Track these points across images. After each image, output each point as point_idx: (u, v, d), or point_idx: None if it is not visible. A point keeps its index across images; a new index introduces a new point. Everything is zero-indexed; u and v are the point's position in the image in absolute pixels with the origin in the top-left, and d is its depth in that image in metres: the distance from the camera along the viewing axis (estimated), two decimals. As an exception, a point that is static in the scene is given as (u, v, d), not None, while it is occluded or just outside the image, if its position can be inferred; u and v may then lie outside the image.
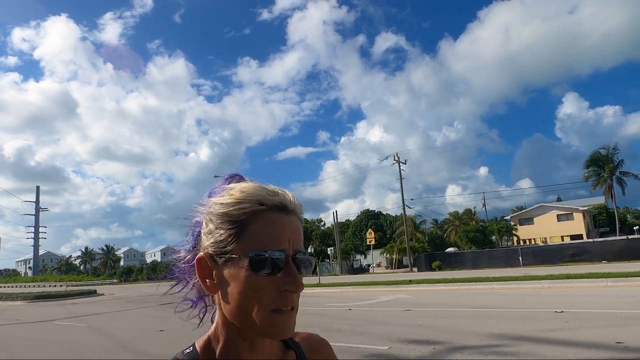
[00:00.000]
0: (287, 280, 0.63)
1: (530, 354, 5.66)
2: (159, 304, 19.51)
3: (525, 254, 36.16)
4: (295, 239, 0.66)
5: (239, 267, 0.63)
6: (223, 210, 0.65)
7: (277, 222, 0.65)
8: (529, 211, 56.12)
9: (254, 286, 0.62)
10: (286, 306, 0.63)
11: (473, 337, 6.76)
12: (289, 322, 0.64)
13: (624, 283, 12.86)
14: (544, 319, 8.12)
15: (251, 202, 0.64)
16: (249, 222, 0.64)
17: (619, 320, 7.71)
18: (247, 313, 0.63)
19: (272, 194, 0.66)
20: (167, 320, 13.33)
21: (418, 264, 42.05)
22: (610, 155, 49.19)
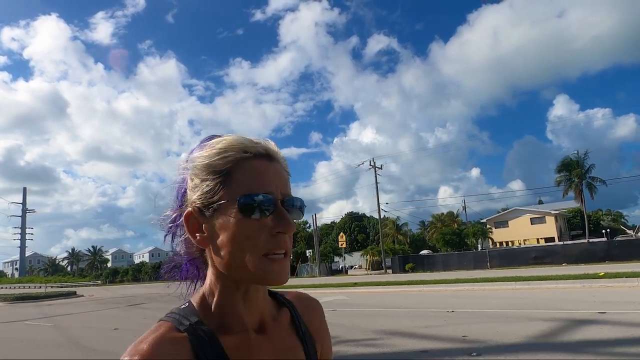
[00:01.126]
0: (277, 223, 0.63)
1: (393, 345, 6.95)
2: (128, 305, 20.67)
3: (493, 257, 37.66)
4: (282, 185, 0.66)
5: (229, 214, 0.63)
6: (207, 162, 0.65)
7: (262, 168, 0.65)
8: (504, 214, 57.86)
9: (245, 231, 0.62)
10: (279, 249, 0.63)
11: (358, 331, 8.05)
12: (282, 268, 0.63)
13: (528, 286, 14.25)
14: (433, 317, 9.45)
15: (235, 150, 0.65)
16: (234, 170, 0.64)
17: (486, 317, 9.08)
18: (240, 260, 0.62)
19: (255, 142, 0.67)
20: (125, 320, 14.53)
21: (393, 265, 43.40)
22: (581, 160, 51.03)
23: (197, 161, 0.66)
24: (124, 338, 10.47)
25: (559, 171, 51.98)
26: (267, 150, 0.67)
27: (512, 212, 56.58)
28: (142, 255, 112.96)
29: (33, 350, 9.65)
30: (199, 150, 0.68)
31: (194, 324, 0.64)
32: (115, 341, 10.15)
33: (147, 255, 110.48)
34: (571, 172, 50.73)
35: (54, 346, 10.06)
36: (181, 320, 0.65)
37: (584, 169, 50.60)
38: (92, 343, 10.30)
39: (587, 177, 50.71)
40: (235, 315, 0.67)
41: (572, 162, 51.24)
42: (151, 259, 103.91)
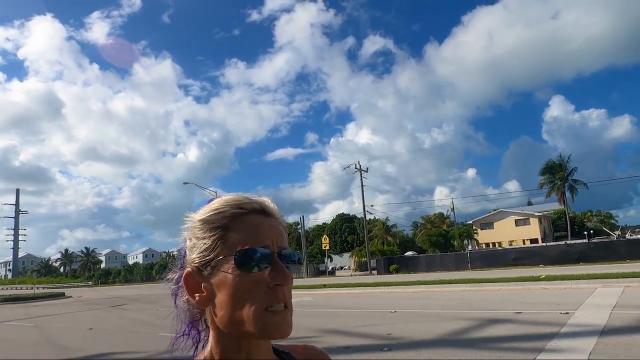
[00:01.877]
0: (275, 275, 0.63)
1: (324, 342, 7.81)
2: (110, 306, 21.47)
3: (474, 258, 38.63)
4: (278, 238, 0.67)
5: (226, 271, 0.63)
6: (203, 220, 0.67)
7: (258, 223, 0.66)
8: (490, 216, 58.93)
9: (243, 286, 0.62)
10: (278, 302, 0.63)
11: (301, 330, 8.89)
12: (284, 320, 0.63)
13: (476, 288, 15.19)
14: (376, 317, 10.34)
15: (230, 207, 0.66)
16: (230, 226, 0.65)
17: (419, 317, 9.99)
18: (240, 316, 0.62)
19: (250, 199, 0.69)
20: (103, 320, 15.34)
21: (378, 267, 44.31)
22: (564, 163, 52.18)
23: (194, 220, 0.68)
24: (95, 337, 11.32)
25: (542, 174, 53.22)
26: (262, 206, 0.69)
27: (497, 213, 57.67)
28: (136, 256, 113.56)
29: (8, 349, 10.46)
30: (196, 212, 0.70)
31: None
32: (87, 340, 10.97)
33: (140, 256, 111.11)
34: (554, 175, 51.91)
35: (30, 345, 10.87)
36: None
37: (567, 171, 51.79)
38: (66, 342, 11.11)
39: (569, 179, 51.90)
40: None
41: (556, 165, 52.43)
42: (145, 259, 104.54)
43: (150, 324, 13.06)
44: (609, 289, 11.83)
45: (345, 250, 74.30)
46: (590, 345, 6.04)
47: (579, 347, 5.97)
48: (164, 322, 12.68)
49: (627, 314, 8.24)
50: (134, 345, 9.56)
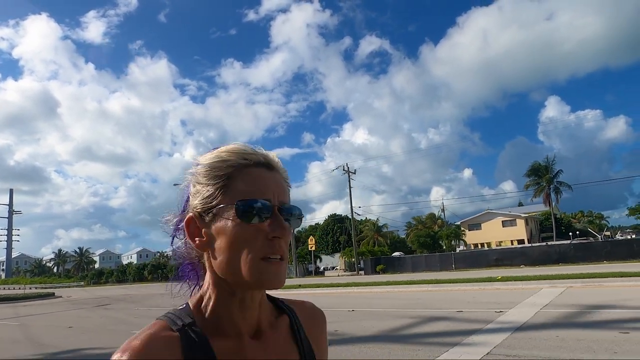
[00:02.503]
0: (274, 227, 0.64)
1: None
2: (95, 306, 22.11)
3: (457, 259, 39.45)
4: (280, 193, 0.68)
5: (227, 218, 0.65)
6: (207, 168, 0.68)
7: (261, 176, 0.67)
8: (477, 217, 59.79)
9: (242, 236, 0.64)
10: (275, 254, 0.64)
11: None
12: (279, 271, 0.65)
13: (437, 288, 15.96)
14: (333, 315, 11.06)
15: (235, 157, 0.67)
16: (233, 176, 0.66)
17: (370, 315, 10.75)
18: (236, 264, 0.64)
19: (255, 151, 0.70)
20: (84, 319, 16.01)
21: (365, 267, 45.08)
22: (549, 165, 53.09)
23: (199, 167, 0.69)
24: (73, 334, 11.99)
25: (528, 175, 54.10)
26: (267, 159, 0.70)
27: (484, 215, 58.53)
28: (130, 256, 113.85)
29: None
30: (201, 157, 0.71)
31: (187, 325, 0.66)
32: (64, 337, 11.63)
33: (135, 256, 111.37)
34: (540, 176, 52.82)
35: (10, 342, 11.54)
36: (175, 321, 0.66)
37: (552, 173, 52.70)
38: (45, 339, 11.78)
39: (554, 181, 52.82)
40: (230, 320, 0.68)
41: (541, 166, 53.32)
42: (139, 259, 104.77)
43: (127, 322, 13.73)
44: (553, 289, 12.60)
45: (337, 251, 74.96)
46: (499, 339, 6.79)
47: (488, 342, 6.72)
48: (139, 321, 13.40)
49: (550, 312, 9.01)
50: (105, 342, 10.23)
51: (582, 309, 8.97)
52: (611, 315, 8.29)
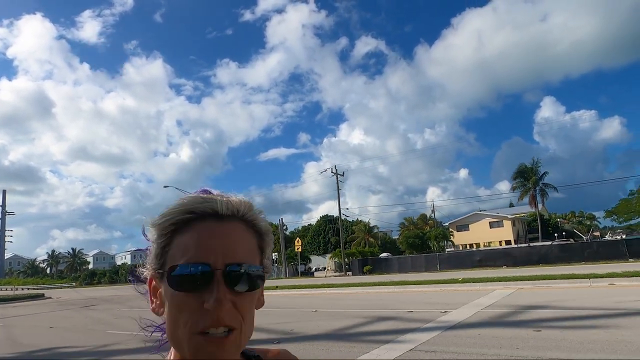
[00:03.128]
0: (209, 297, 0.56)
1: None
2: (81, 307, 22.70)
3: (442, 260, 40.26)
4: (228, 250, 0.59)
5: (167, 284, 0.59)
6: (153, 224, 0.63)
7: (205, 231, 0.59)
8: (465, 218, 60.68)
9: (176, 304, 0.57)
10: (214, 326, 0.56)
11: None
12: (219, 349, 0.56)
13: (402, 289, 16.65)
14: (296, 315, 11.77)
15: (178, 212, 0.61)
16: (176, 233, 0.61)
17: (329, 315, 11.42)
18: (176, 335, 0.58)
19: (206, 200, 0.62)
20: (67, 319, 16.61)
21: (353, 268, 45.83)
22: (535, 167, 54.04)
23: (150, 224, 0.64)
24: (52, 334, 12.61)
25: (514, 178, 55.04)
26: (215, 208, 0.61)
27: (472, 216, 59.42)
28: (124, 256, 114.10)
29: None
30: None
31: None
32: (43, 337, 12.27)
33: (129, 256, 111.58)
34: (526, 178, 53.75)
35: (-9, 342, 12.16)
36: None
37: (538, 175, 53.64)
38: (24, 339, 12.38)
39: (540, 183, 53.77)
40: None
41: (527, 169, 54.27)
42: (133, 260, 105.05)
43: (106, 322, 14.35)
44: (504, 291, 13.34)
45: (328, 252, 75.70)
46: (427, 337, 7.50)
47: (417, 339, 7.42)
48: (118, 321, 14.04)
49: (486, 312, 9.73)
50: (80, 342, 10.86)
51: (515, 309, 9.70)
52: (537, 315, 9.01)
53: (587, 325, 7.49)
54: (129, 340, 10.13)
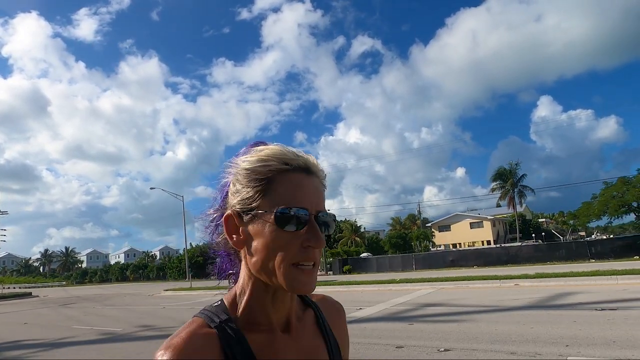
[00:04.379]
0: (309, 237, 0.67)
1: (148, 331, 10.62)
2: (60, 305, 24.08)
3: (418, 260, 41.71)
4: (318, 200, 0.70)
5: (265, 222, 0.67)
6: (250, 168, 0.69)
7: (301, 182, 0.69)
8: (447, 219, 62.21)
9: (278, 241, 0.66)
10: (308, 261, 0.67)
11: (159, 319, 11.71)
12: (310, 278, 0.68)
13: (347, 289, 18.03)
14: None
15: (276, 161, 0.69)
16: (274, 180, 0.68)
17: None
18: (270, 266, 0.67)
19: (296, 155, 0.71)
20: (43, 317, 18.00)
21: (333, 267, 47.22)
22: (513, 170, 55.52)
23: (240, 167, 0.71)
24: (24, 329, 13.99)
25: (493, 180, 56.54)
26: (307, 164, 0.71)
27: (453, 217, 60.93)
28: (118, 255, 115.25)
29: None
30: (243, 155, 0.73)
31: (224, 322, 0.69)
32: (14, 331, 13.61)
33: (122, 255, 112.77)
34: (505, 180, 55.25)
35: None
36: (212, 317, 0.70)
37: (517, 178, 55.14)
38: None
39: (518, 185, 55.28)
40: (263, 314, 0.72)
41: (506, 171, 55.74)
42: (126, 259, 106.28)
43: (75, 319, 15.71)
44: (426, 290, 14.76)
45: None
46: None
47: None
48: (87, 318, 15.43)
49: (390, 309, 11.16)
50: (43, 335, 12.16)
51: (414, 307, 11.13)
52: (426, 311, 10.43)
53: (450, 320, 8.93)
54: (87, 334, 11.57)
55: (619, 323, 7.40)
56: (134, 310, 17.35)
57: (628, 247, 33.25)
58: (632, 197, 29.62)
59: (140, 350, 8.67)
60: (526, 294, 11.62)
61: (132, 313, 16.25)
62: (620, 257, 32.03)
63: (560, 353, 5.69)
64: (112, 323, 13.30)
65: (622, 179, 31.52)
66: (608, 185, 32.63)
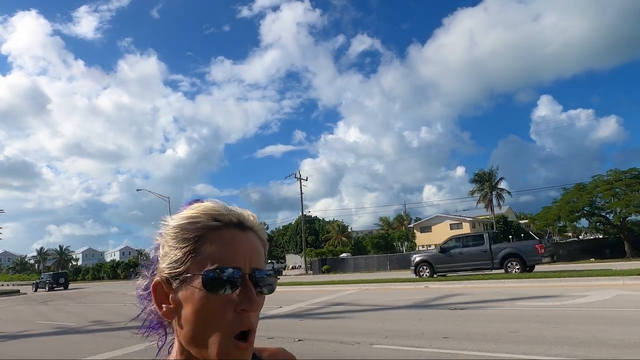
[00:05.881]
0: (243, 299, 0.61)
1: (107, 325, 12.24)
2: (39, 302, 25.80)
3: (392, 261, 43.42)
4: (253, 257, 0.65)
5: (194, 287, 0.61)
6: (177, 229, 0.65)
7: (232, 239, 0.64)
8: (428, 220, 63.93)
9: (209, 308, 0.60)
10: (244, 328, 0.61)
11: (83, 320, 13.36)
12: (247, 350, 0.62)
13: (290, 289, 19.55)
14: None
15: (205, 218, 0.64)
16: (203, 239, 0.63)
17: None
18: (203, 339, 0.61)
19: (228, 210, 0.66)
20: (17, 312, 19.71)
21: (314, 267, 48.93)
22: (492, 173, 57.17)
23: (169, 225, 0.67)
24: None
25: (473, 182, 58.18)
26: (240, 219, 0.67)
27: (434, 218, 62.64)
28: (113, 253, 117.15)
29: None
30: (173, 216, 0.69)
31: None
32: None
33: (118, 253, 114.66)
34: (483, 183, 56.90)
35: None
36: None
37: (495, 181, 56.78)
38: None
39: (497, 188, 56.92)
40: None
41: (485, 174, 57.37)
42: (122, 257, 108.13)
43: (44, 315, 17.37)
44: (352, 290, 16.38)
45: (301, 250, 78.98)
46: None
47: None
48: (56, 314, 17.08)
49: (302, 307, 12.79)
50: (7, 329, 13.84)
51: (324, 306, 12.77)
52: (330, 309, 12.03)
53: (337, 317, 10.59)
54: (44, 328, 13.24)
55: (448, 320, 9.05)
56: (98, 307, 19.05)
57: (586, 249, 34.90)
58: (583, 203, 31.20)
59: (76, 341, 10.35)
60: (424, 295, 13.26)
61: (94, 310, 17.97)
62: (577, 259, 33.62)
63: (372, 342, 7.35)
64: (71, 318, 15.00)
65: (578, 185, 33.10)
66: (567, 191, 34.24)
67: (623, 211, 29.95)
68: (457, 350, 6.33)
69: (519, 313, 9.28)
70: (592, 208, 32.02)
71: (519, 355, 5.82)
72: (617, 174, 31.42)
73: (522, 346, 6.29)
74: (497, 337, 6.98)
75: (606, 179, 31.63)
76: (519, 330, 7.36)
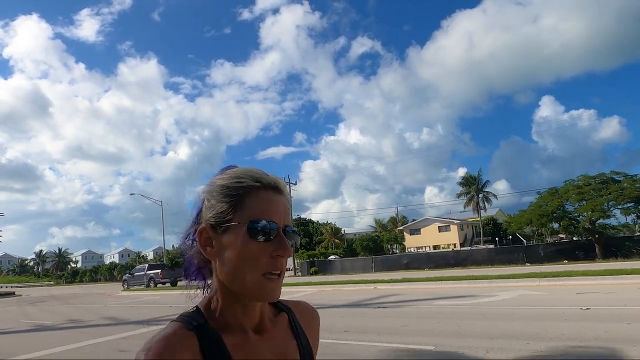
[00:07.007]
0: (278, 247, 0.74)
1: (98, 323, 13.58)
2: (30, 303, 27.11)
3: (377, 263, 44.68)
4: (285, 216, 0.78)
5: (237, 234, 0.74)
6: (224, 185, 0.77)
7: (271, 199, 0.77)
8: (417, 223, 65.12)
9: (249, 251, 0.73)
10: (276, 270, 0.74)
11: (60, 318, 14.68)
12: (277, 287, 0.75)
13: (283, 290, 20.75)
14: (172, 309, 16.16)
15: (249, 179, 0.77)
16: (246, 196, 0.76)
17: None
18: (241, 276, 0.73)
19: (266, 175, 0.80)
20: (4, 313, 20.91)
21: (302, 269, 50.21)
22: (478, 177, 58.50)
23: (215, 184, 0.79)
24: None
25: (461, 185, 59.49)
26: (276, 183, 0.80)
27: (423, 220, 63.85)
28: (112, 256, 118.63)
29: None
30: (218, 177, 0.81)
31: (201, 325, 0.75)
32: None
33: (117, 256, 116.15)
34: (470, 186, 58.20)
35: None
36: (190, 321, 0.75)
37: (481, 184, 58.08)
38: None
39: (483, 191, 58.21)
40: (236, 320, 0.78)
41: (472, 178, 58.68)
42: (121, 259, 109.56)
43: (29, 315, 18.61)
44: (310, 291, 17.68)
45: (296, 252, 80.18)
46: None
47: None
48: (39, 314, 18.40)
49: None
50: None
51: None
52: None
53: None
54: (24, 326, 14.52)
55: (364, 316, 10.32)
56: (80, 308, 20.38)
57: (559, 251, 36.13)
58: (553, 208, 32.42)
59: (47, 337, 11.67)
60: (366, 295, 14.54)
61: (75, 310, 19.32)
62: (551, 261, 34.83)
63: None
64: (51, 317, 16.33)
65: (550, 190, 34.32)
66: (541, 194, 35.45)
67: (590, 215, 31.15)
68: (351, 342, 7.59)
69: (428, 310, 10.57)
70: (562, 212, 33.22)
71: (382, 344, 7.12)
72: (587, 178, 32.64)
73: (398, 337, 7.59)
74: (390, 331, 8.26)
75: (576, 183, 32.86)
76: (409, 324, 8.66)
